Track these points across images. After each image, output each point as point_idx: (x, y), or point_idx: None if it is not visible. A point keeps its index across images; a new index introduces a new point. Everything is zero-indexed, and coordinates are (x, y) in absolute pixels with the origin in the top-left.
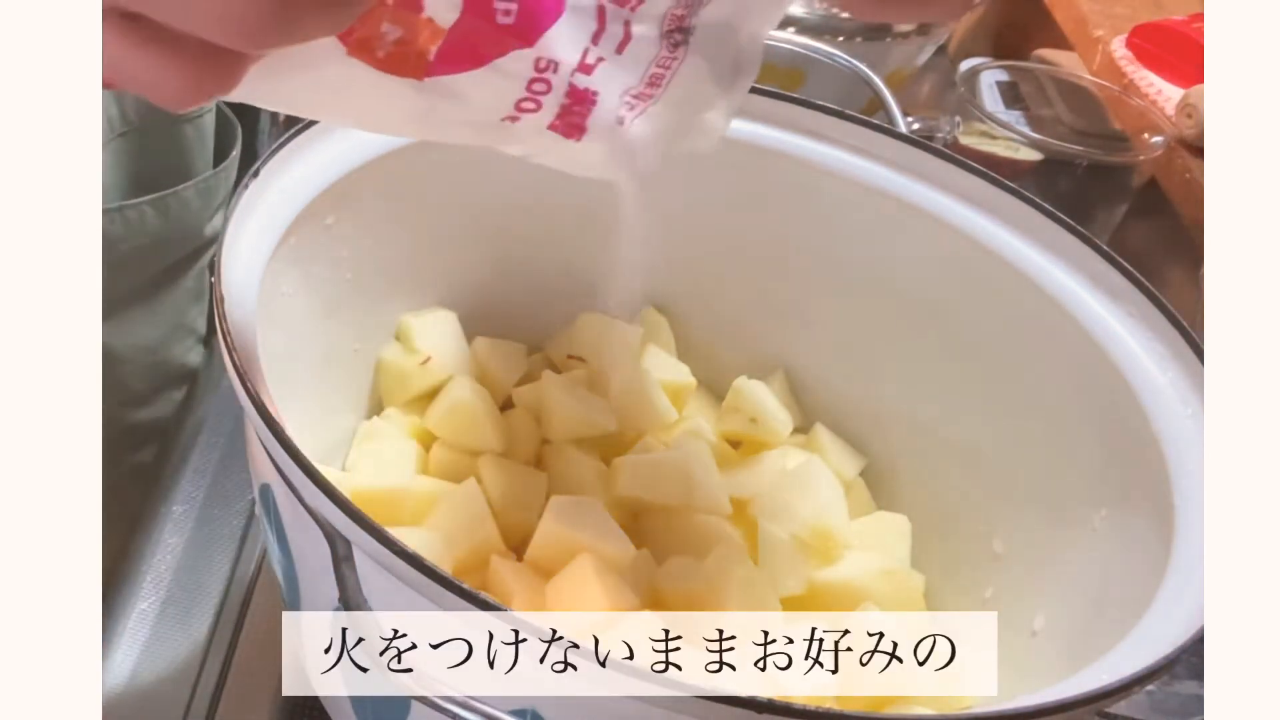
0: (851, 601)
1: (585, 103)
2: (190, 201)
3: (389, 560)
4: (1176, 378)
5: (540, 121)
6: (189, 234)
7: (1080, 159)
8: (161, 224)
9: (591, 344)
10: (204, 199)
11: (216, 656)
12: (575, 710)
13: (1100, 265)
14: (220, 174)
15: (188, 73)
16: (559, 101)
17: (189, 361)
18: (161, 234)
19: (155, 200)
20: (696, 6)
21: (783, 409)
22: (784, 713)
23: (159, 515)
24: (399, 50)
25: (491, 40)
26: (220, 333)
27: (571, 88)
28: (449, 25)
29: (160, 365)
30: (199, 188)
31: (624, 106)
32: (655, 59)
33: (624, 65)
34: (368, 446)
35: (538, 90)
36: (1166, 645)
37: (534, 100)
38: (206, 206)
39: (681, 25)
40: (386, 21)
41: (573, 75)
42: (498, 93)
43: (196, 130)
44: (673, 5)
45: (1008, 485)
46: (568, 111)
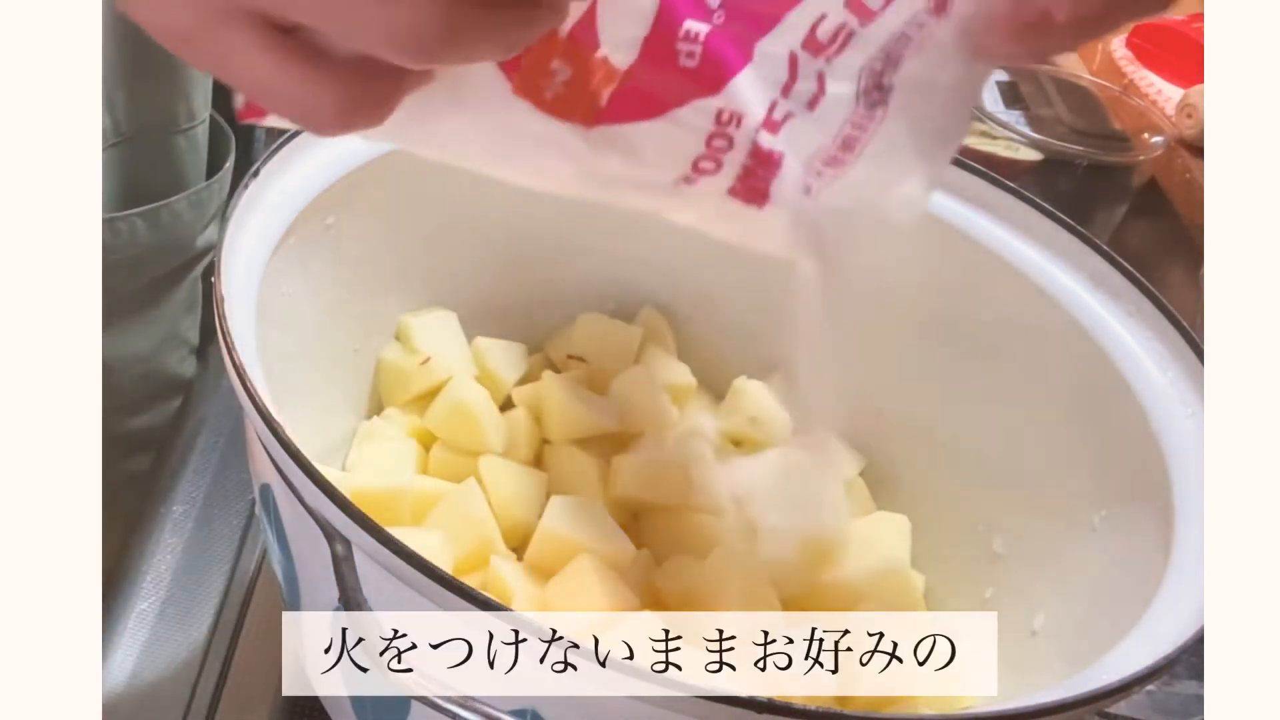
0: (851, 601)
1: (769, 165)
2: (182, 213)
3: (389, 560)
4: (1176, 378)
5: (719, 185)
6: (181, 246)
7: (1080, 159)
8: (153, 235)
9: (591, 344)
10: (196, 211)
11: (216, 656)
12: (575, 710)
13: (1100, 265)
14: (213, 186)
15: (343, 93)
16: (741, 162)
17: (182, 372)
18: (153, 245)
19: (146, 212)
20: (896, 62)
21: (783, 409)
22: (784, 713)
23: (159, 516)
24: (569, 92)
25: (671, 86)
26: (220, 333)
27: (755, 147)
28: (625, 66)
29: (152, 375)
30: (191, 200)
31: (812, 173)
32: (850, 119)
33: (815, 124)
34: (368, 446)
35: (718, 147)
36: (1166, 645)
37: (714, 159)
38: (199, 218)
39: (880, 83)
40: (557, 58)
41: (757, 133)
42: (674, 148)
43: (189, 142)
44: (872, 58)
45: (1008, 486)
46: (749, 174)
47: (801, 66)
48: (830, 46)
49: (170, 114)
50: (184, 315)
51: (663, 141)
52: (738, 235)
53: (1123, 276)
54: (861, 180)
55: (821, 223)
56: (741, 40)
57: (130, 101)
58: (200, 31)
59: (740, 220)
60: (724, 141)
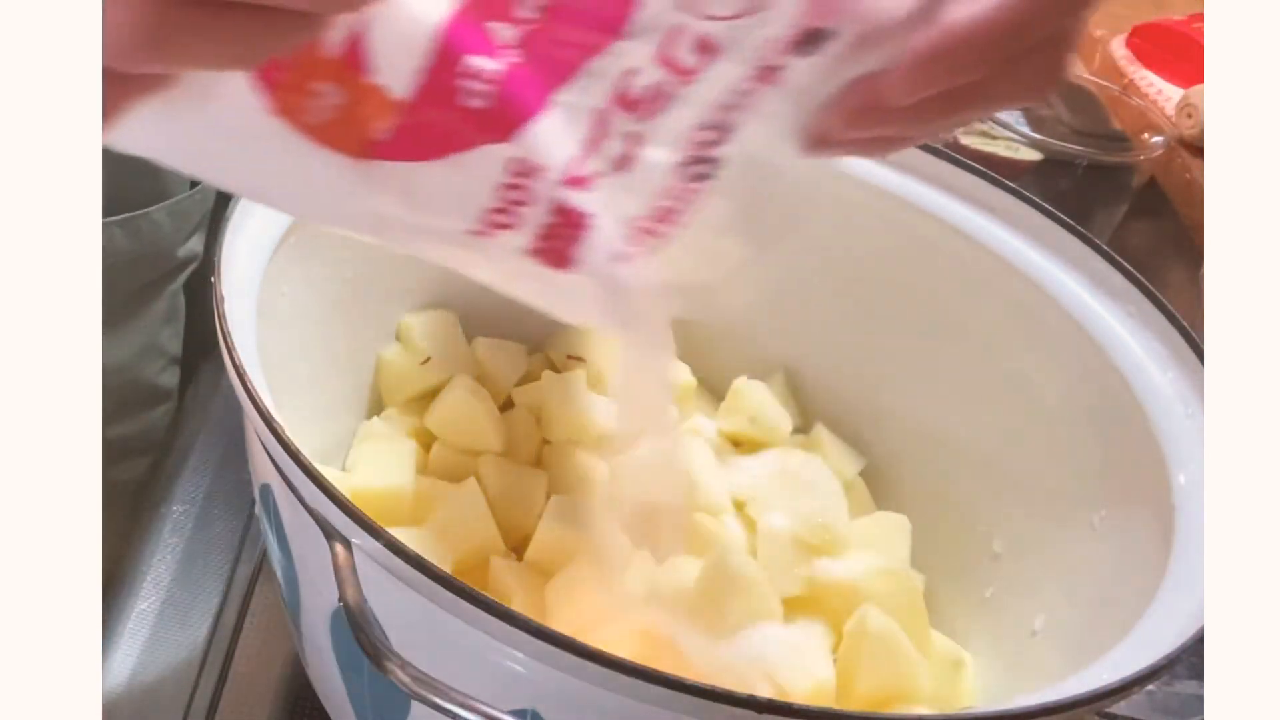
0: (851, 601)
1: (576, 226)
2: (162, 223)
3: (389, 560)
4: (1176, 378)
5: (516, 243)
6: (160, 256)
7: (1080, 159)
8: (131, 244)
9: (591, 344)
10: (176, 221)
11: (216, 656)
12: (575, 710)
13: (1100, 265)
14: (194, 197)
15: None
16: (541, 220)
17: (161, 382)
18: (132, 254)
19: (125, 220)
20: (728, 133)
21: (783, 409)
22: (784, 713)
23: (159, 516)
24: (338, 119)
25: (455, 127)
26: (220, 333)
27: (559, 205)
28: (402, 98)
29: (129, 386)
30: (171, 210)
31: (627, 241)
32: (668, 190)
33: (628, 188)
34: (368, 446)
35: (513, 200)
36: (1166, 645)
37: (509, 213)
38: (179, 229)
39: (707, 156)
40: (324, 79)
41: (560, 189)
42: (459, 195)
43: None
44: (698, 125)
45: (1008, 485)
46: (552, 234)
47: (613, 124)
48: (644, 105)
49: None
50: (163, 326)
51: (445, 187)
52: (544, 300)
53: (1123, 277)
54: (678, 257)
55: (632, 297)
56: (535, 88)
57: None
58: None
59: (543, 283)
60: (520, 194)
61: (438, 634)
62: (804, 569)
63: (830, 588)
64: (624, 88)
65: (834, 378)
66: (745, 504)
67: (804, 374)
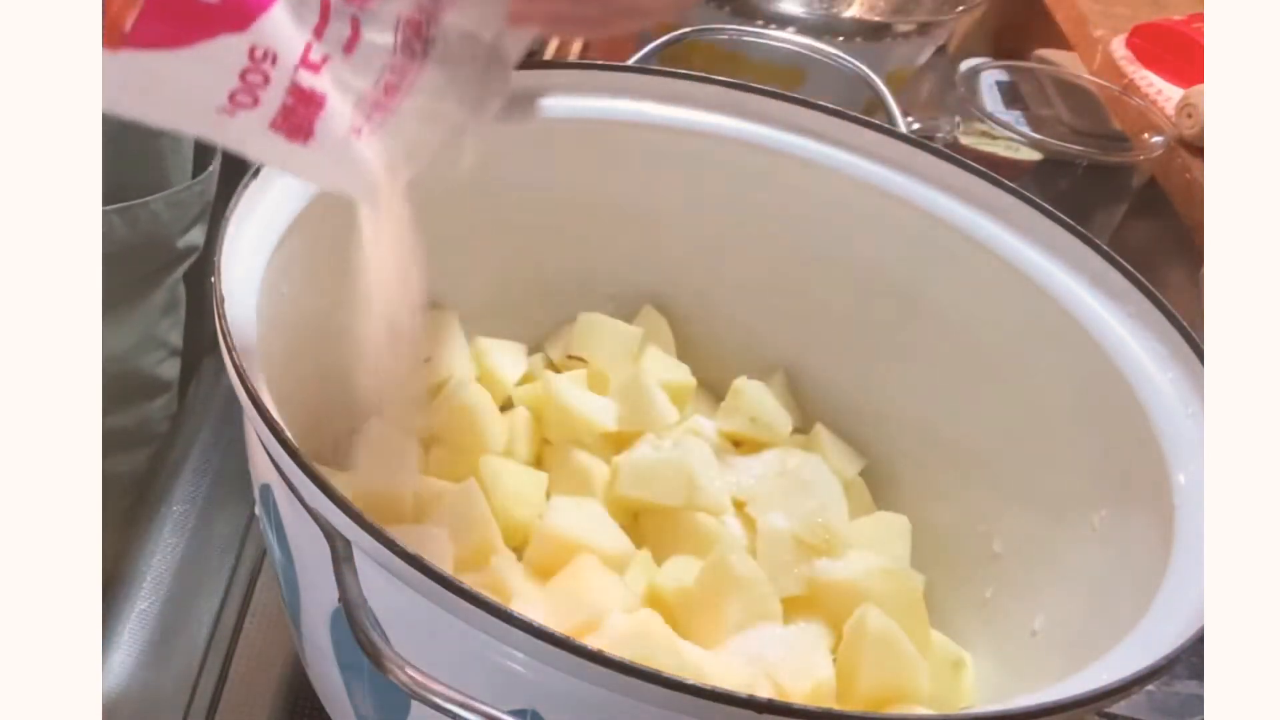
0: (851, 601)
1: (312, 104)
2: (161, 213)
3: (389, 560)
4: (1176, 378)
5: (259, 119)
6: (159, 246)
7: (1080, 159)
8: (129, 234)
9: (591, 344)
10: (176, 211)
11: (216, 656)
12: (575, 710)
13: (1100, 265)
14: (194, 188)
15: None
16: (280, 99)
17: (161, 374)
18: (129, 244)
19: (123, 210)
20: (436, 13)
21: (783, 409)
22: (784, 713)
23: (159, 515)
24: None
25: (196, 20)
26: (220, 333)
27: (295, 85)
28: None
29: (128, 376)
30: (169, 200)
31: (359, 115)
32: (389, 65)
33: (355, 68)
34: (368, 446)
35: (254, 82)
36: (1166, 645)
37: (250, 94)
38: (179, 219)
39: (420, 34)
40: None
41: (296, 72)
42: (207, 79)
43: (174, 142)
44: (411, 7)
45: (1008, 485)
46: (291, 112)
47: (334, 10)
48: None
49: None
50: (162, 317)
51: (194, 73)
52: (292, 169)
53: (1123, 277)
54: (405, 127)
55: (368, 164)
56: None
57: None
58: None
59: (288, 155)
60: (259, 77)
61: (438, 634)
62: (804, 569)
63: (830, 588)
64: None
65: (834, 378)
66: (745, 504)
67: (804, 374)
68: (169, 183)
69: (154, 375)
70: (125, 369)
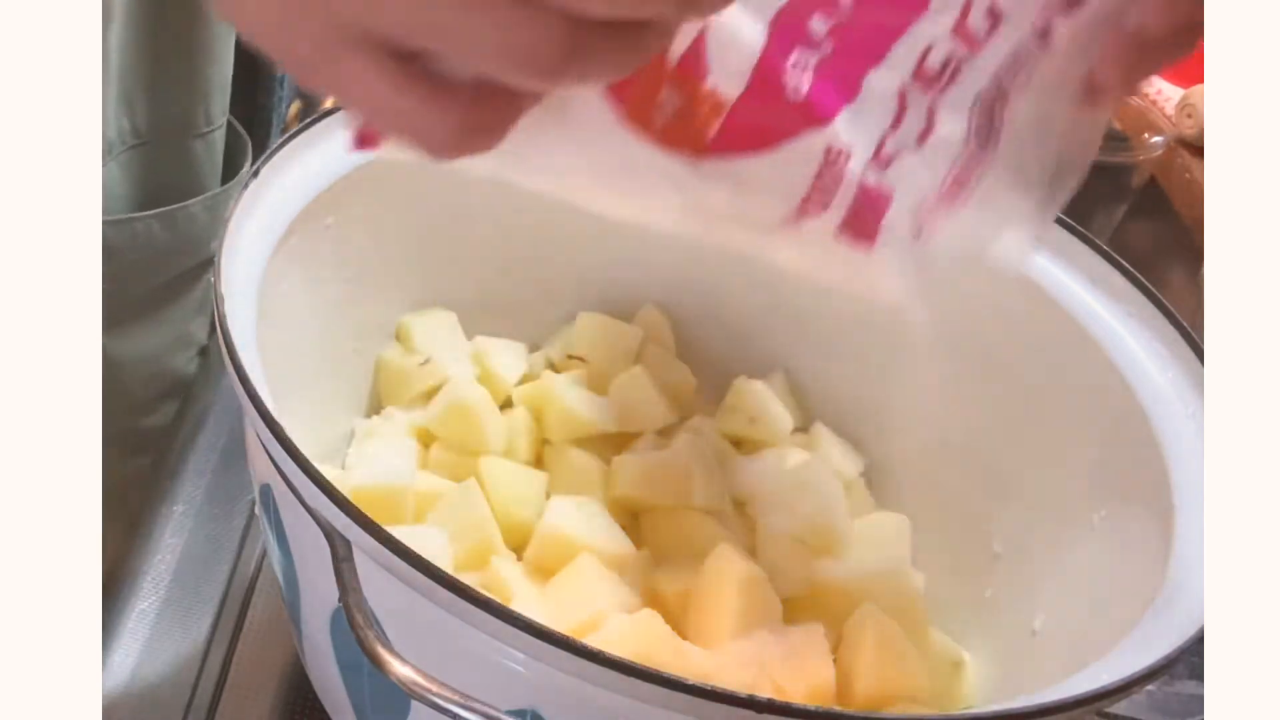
0: (851, 601)
1: (878, 204)
2: (198, 216)
3: (389, 560)
4: (1176, 378)
5: (827, 224)
6: (195, 248)
7: None
8: (168, 238)
9: (591, 344)
10: (211, 214)
11: (216, 656)
12: (575, 710)
13: (1100, 265)
14: (229, 190)
15: (462, 115)
16: (849, 202)
17: (189, 371)
18: (167, 247)
19: (163, 214)
20: (1006, 96)
21: (783, 409)
22: (784, 712)
23: (159, 516)
24: (677, 123)
25: (779, 119)
26: (220, 332)
27: (863, 186)
28: (733, 97)
29: (161, 375)
30: (206, 203)
31: (923, 214)
32: (961, 157)
33: (925, 162)
34: (367, 446)
35: (826, 185)
36: (1166, 645)
37: (822, 197)
38: (213, 222)
39: (991, 120)
40: (666, 87)
41: (866, 170)
42: (782, 183)
43: (207, 146)
44: (983, 91)
45: (1008, 485)
46: (858, 214)
47: (911, 101)
48: (940, 79)
49: (189, 118)
50: (194, 316)
51: (770, 177)
52: (842, 278)
53: (1123, 277)
54: (969, 224)
55: (928, 268)
56: (849, 73)
57: (149, 105)
58: (321, 58)
59: (846, 263)
60: (832, 179)
61: (438, 634)
62: (804, 569)
63: (830, 588)
64: (922, 65)
65: (834, 378)
66: (745, 504)
67: (804, 374)
68: (202, 186)
69: (184, 373)
70: (159, 368)
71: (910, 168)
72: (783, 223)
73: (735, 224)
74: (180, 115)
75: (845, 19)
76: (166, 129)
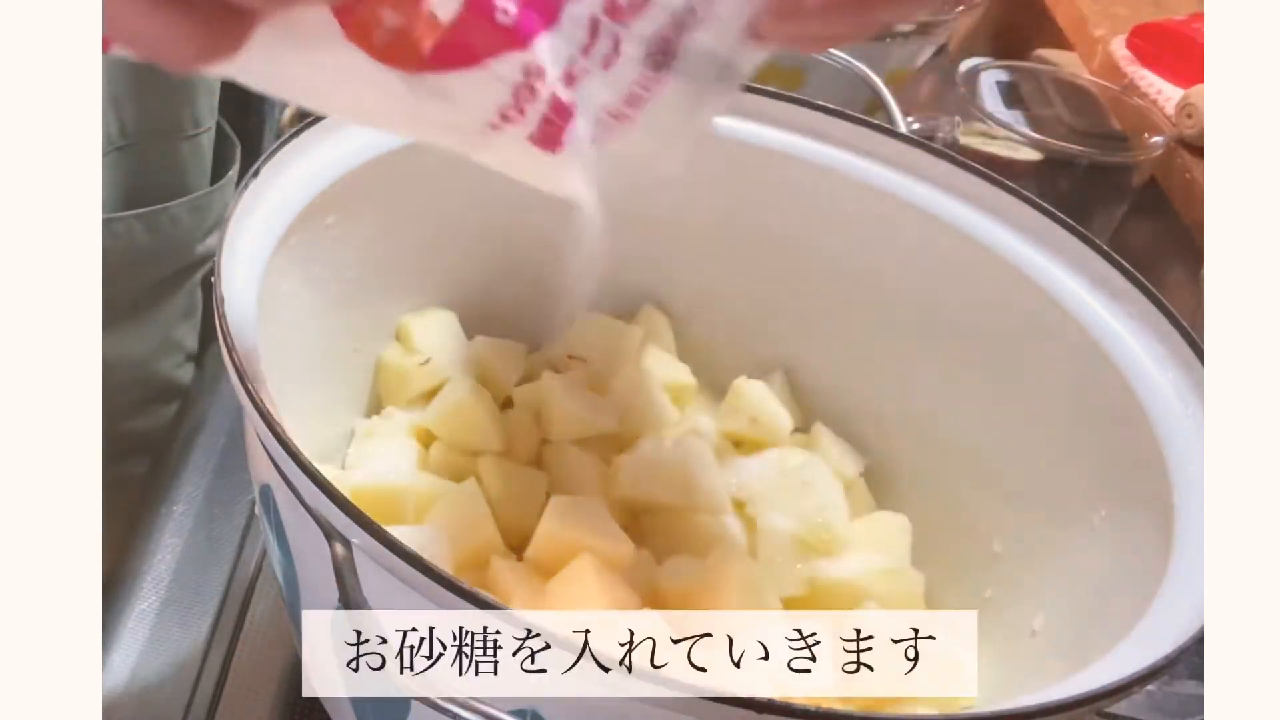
0: (851, 601)
1: (564, 116)
2: (182, 218)
3: (389, 560)
4: (1176, 378)
5: (521, 133)
6: (179, 251)
7: (1080, 159)
8: (151, 239)
9: (591, 344)
10: (196, 217)
11: (216, 656)
12: (575, 710)
13: (1100, 265)
14: (215, 193)
15: (197, 30)
16: (540, 113)
17: (177, 378)
18: (150, 249)
19: (145, 215)
20: (683, 30)
21: (783, 409)
22: (784, 713)
23: (159, 516)
24: (396, 40)
25: (487, 40)
26: (220, 333)
27: (554, 99)
28: (448, 19)
29: (146, 380)
30: (191, 205)
31: (600, 124)
32: (637, 79)
33: (606, 82)
34: (367, 446)
35: (523, 98)
36: (1166, 645)
37: (519, 109)
38: (199, 224)
39: (667, 49)
40: (388, 7)
41: (558, 87)
42: (485, 96)
43: (194, 148)
44: (663, 25)
45: (1008, 485)
46: (548, 123)
47: (602, 30)
48: (627, 12)
49: (176, 119)
50: (181, 322)
51: (476, 90)
52: (531, 177)
53: (1123, 277)
54: (639, 136)
55: (601, 169)
56: (551, 3)
57: (136, 106)
58: None
59: (535, 164)
60: (529, 93)
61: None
62: (804, 569)
63: (830, 588)
64: None
65: (834, 378)
66: (745, 504)
67: (804, 374)
68: (189, 188)
69: (171, 380)
70: (144, 374)
71: (593, 87)
72: (485, 130)
73: (445, 131)
74: (167, 116)
75: None
76: (153, 130)
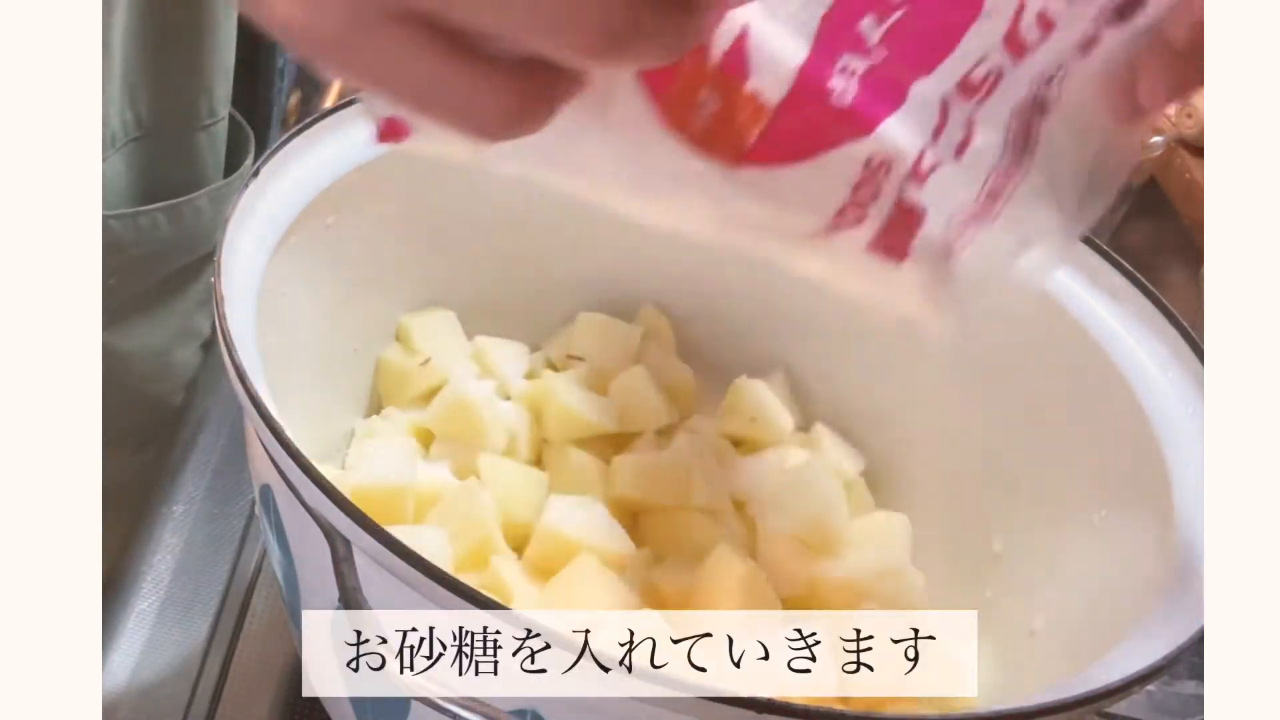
0: (851, 601)
1: (913, 221)
2: (203, 210)
3: (389, 560)
4: (1176, 378)
5: (859, 238)
6: (199, 241)
7: None
8: (173, 231)
9: (591, 344)
10: (215, 207)
11: (216, 656)
12: (575, 710)
13: (1100, 265)
14: (233, 183)
15: (510, 94)
16: (885, 216)
17: (194, 364)
18: (172, 241)
19: (168, 208)
20: (1044, 108)
21: (783, 408)
22: (784, 713)
23: (159, 515)
24: (715, 127)
25: (823, 127)
26: (220, 333)
27: (900, 200)
28: (775, 102)
29: (168, 369)
30: (211, 196)
31: (954, 231)
32: (996, 169)
33: (961, 174)
34: (367, 446)
35: (864, 198)
36: (1166, 645)
37: (858, 210)
38: (217, 215)
39: (1028, 132)
40: (706, 87)
41: (904, 185)
42: (818, 196)
43: (210, 138)
44: (1020, 102)
45: (1008, 485)
46: (892, 229)
47: (952, 110)
48: (981, 88)
49: (192, 110)
50: (197, 310)
51: (807, 187)
52: (866, 292)
53: (1123, 276)
54: (998, 240)
55: (955, 285)
56: (898, 81)
57: (152, 96)
58: (352, 33)
59: (872, 277)
60: (870, 191)
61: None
62: (804, 568)
63: (830, 587)
64: (968, 74)
65: (834, 377)
66: (745, 504)
67: (804, 374)
68: (204, 178)
69: (190, 367)
70: (164, 363)
71: (947, 181)
72: (816, 234)
73: (766, 234)
74: (183, 106)
75: (898, 21)
76: (169, 121)
